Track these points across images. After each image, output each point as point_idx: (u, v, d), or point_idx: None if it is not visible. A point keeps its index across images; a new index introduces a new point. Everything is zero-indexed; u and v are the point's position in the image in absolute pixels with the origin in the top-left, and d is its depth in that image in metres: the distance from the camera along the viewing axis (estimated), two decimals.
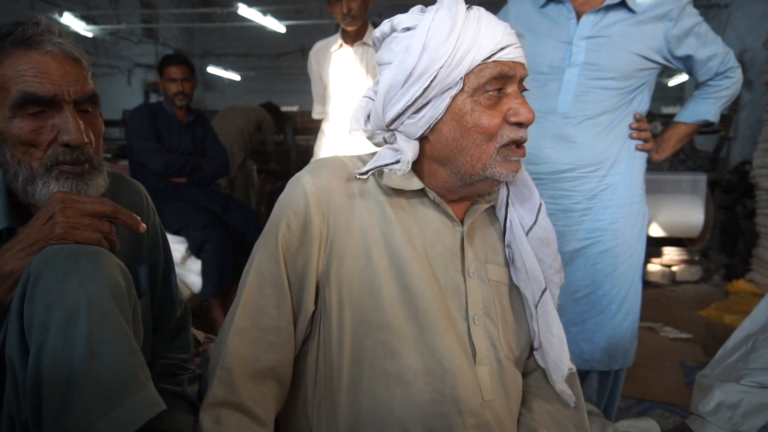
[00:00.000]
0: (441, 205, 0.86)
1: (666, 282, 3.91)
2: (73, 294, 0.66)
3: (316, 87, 2.51)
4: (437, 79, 0.77)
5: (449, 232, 0.87)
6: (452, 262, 0.86)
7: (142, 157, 2.61)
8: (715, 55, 1.51)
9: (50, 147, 0.81)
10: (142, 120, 2.64)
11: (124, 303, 0.71)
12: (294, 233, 0.83)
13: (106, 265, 0.70)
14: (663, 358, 2.60)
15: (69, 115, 0.81)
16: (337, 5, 2.22)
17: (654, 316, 3.15)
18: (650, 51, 1.49)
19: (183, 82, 2.66)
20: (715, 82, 1.55)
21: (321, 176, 0.85)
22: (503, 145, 0.80)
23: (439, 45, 0.77)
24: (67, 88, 0.81)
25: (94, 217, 0.77)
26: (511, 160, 0.81)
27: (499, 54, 0.78)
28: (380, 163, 0.85)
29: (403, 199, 0.86)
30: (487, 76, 0.78)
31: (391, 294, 0.81)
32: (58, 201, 0.75)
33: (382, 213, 0.84)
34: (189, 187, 2.72)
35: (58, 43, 0.81)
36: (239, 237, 2.67)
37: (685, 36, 1.48)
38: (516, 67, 0.79)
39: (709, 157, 4.17)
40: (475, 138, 0.79)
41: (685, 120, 1.62)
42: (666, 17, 1.47)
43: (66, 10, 6.60)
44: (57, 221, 0.74)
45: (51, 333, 0.65)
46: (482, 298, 0.87)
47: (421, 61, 0.77)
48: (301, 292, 0.85)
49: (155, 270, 1.04)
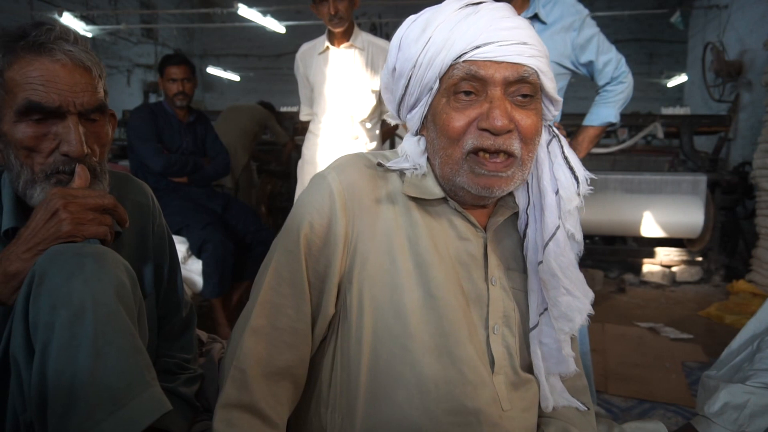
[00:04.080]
0: (463, 213, 0.85)
1: (666, 282, 3.90)
2: (78, 293, 0.66)
3: (303, 89, 2.52)
4: (413, 79, 0.78)
5: (473, 238, 0.85)
6: (476, 270, 0.85)
7: (143, 157, 2.61)
8: (610, 60, 1.76)
9: (52, 154, 0.81)
10: (143, 120, 2.63)
11: (130, 302, 0.71)
12: (317, 233, 0.81)
13: (111, 264, 0.70)
14: (664, 358, 2.59)
15: (71, 126, 0.81)
16: (324, 6, 2.23)
17: (654, 317, 3.16)
18: (562, 58, 1.72)
19: (183, 82, 2.65)
20: (611, 87, 1.81)
21: (348, 174, 0.83)
22: (470, 151, 0.76)
23: (410, 45, 0.77)
24: (72, 99, 0.80)
25: (97, 211, 0.76)
26: (478, 173, 0.76)
27: (472, 53, 0.73)
28: (403, 165, 0.83)
29: (428, 203, 0.84)
30: (456, 77, 0.75)
31: (414, 300, 0.79)
32: (59, 197, 0.75)
33: (408, 216, 0.82)
34: (190, 186, 2.71)
35: (69, 51, 0.81)
36: (240, 237, 2.67)
37: (587, 44, 1.74)
38: (495, 68, 0.73)
39: (709, 158, 4.17)
40: (443, 140, 0.78)
41: (593, 123, 1.86)
42: (571, 28, 1.71)
43: (66, 11, 6.59)
44: (62, 218, 0.73)
45: (56, 332, 0.64)
46: (503, 307, 0.85)
47: (398, 59, 0.79)
48: (321, 293, 0.83)
49: (161, 270, 1.04)
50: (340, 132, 2.36)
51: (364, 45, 2.38)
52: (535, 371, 0.87)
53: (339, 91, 2.36)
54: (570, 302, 0.82)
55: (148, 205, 1.02)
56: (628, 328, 2.98)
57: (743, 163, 4.46)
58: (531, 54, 0.74)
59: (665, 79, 8.75)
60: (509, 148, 0.75)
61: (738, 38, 5.45)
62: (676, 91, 8.79)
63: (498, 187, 0.77)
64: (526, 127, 0.75)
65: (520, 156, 0.77)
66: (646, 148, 4.60)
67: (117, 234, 0.95)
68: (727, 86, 5.41)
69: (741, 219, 4.27)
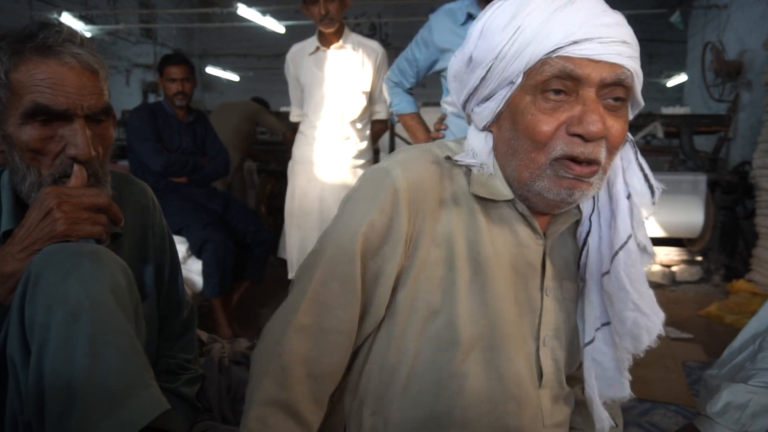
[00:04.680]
0: (528, 219, 0.79)
1: (666, 282, 3.90)
2: (74, 293, 0.65)
3: (293, 90, 2.52)
4: (493, 71, 0.70)
5: (533, 246, 0.80)
6: (533, 279, 0.80)
7: (143, 157, 2.60)
8: None
9: (58, 157, 0.81)
10: (143, 120, 2.63)
11: (127, 302, 0.70)
12: (377, 232, 0.75)
13: (107, 264, 0.70)
14: (664, 358, 2.59)
15: (79, 129, 0.80)
16: (314, 7, 2.24)
17: None
18: None
19: (183, 82, 2.65)
20: None
21: (414, 172, 0.76)
22: (556, 158, 0.69)
23: (495, 33, 0.69)
24: (80, 102, 0.80)
25: (92, 210, 0.76)
26: (562, 176, 0.70)
27: (568, 48, 0.65)
28: (471, 161, 0.77)
29: (493, 206, 0.79)
30: (547, 74, 0.67)
31: (468, 310, 0.76)
32: (53, 196, 0.74)
33: (471, 218, 0.77)
34: (190, 186, 2.71)
35: (77, 53, 0.80)
36: (240, 237, 2.66)
37: None
38: (592, 67, 0.66)
39: (709, 158, 4.17)
40: (525, 143, 0.70)
41: None
42: None
43: (65, 10, 6.59)
44: (57, 218, 0.73)
45: (52, 332, 0.64)
46: (555, 318, 0.82)
47: (478, 48, 0.71)
48: (373, 294, 0.78)
49: (161, 270, 1.03)
50: (331, 132, 2.37)
51: (354, 46, 2.39)
52: (587, 390, 0.83)
53: (329, 92, 2.37)
54: (638, 319, 0.76)
55: (149, 206, 1.02)
56: None
57: (743, 163, 4.46)
58: (630, 54, 0.67)
59: (665, 78, 8.75)
60: (598, 157, 0.69)
61: (737, 38, 5.45)
62: (675, 91, 8.79)
63: (580, 191, 0.71)
64: (616, 134, 0.69)
65: (602, 164, 0.71)
66: (646, 147, 4.60)
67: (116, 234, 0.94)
68: (726, 86, 5.41)
69: (741, 218, 4.27)
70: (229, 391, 1.05)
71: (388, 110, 2.44)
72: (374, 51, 2.40)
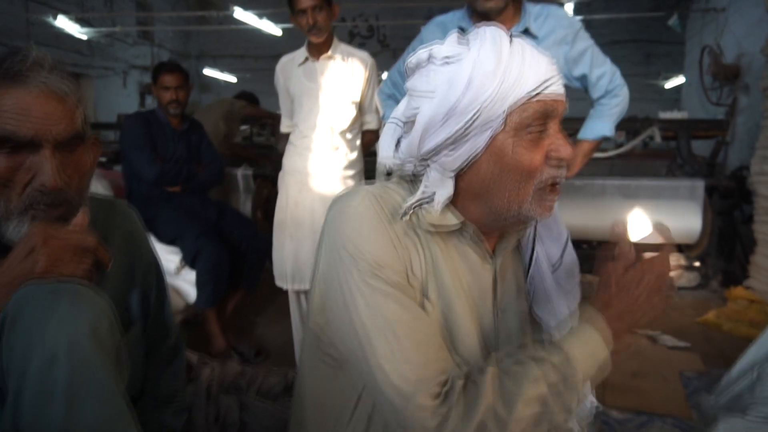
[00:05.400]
0: (478, 242, 0.83)
1: None
2: (51, 337, 0.63)
3: (283, 101, 2.51)
4: (480, 116, 0.74)
5: (483, 268, 0.85)
6: (487, 301, 0.84)
7: (137, 166, 2.58)
8: (604, 73, 1.73)
9: (27, 188, 0.78)
10: (136, 128, 2.61)
11: (107, 343, 0.68)
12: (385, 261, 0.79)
13: (87, 303, 0.68)
14: (661, 368, 2.58)
15: (46, 158, 0.77)
16: (302, 18, 2.24)
17: (651, 324, 3.13)
18: None
19: (177, 90, 2.63)
20: (606, 100, 1.78)
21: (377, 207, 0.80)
22: (543, 184, 0.78)
23: (485, 81, 0.73)
24: (48, 130, 0.77)
25: (77, 250, 0.74)
26: (546, 200, 0.78)
27: (543, 90, 0.74)
28: (418, 198, 0.80)
29: (446, 234, 0.83)
30: (531, 113, 0.74)
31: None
32: (38, 234, 0.72)
33: (430, 249, 0.81)
34: (184, 195, 2.69)
35: (44, 81, 0.77)
36: (235, 245, 2.64)
37: (580, 57, 1.69)
38: (558, 104, 0.77)
39: (707, 162, 4.15)
40: (514, 177, 0.76)
41: (587, 137, 1.83)
42: (563, 41, 1.67)
43: (61, 13, 6.55)
44: (38, 256, 0.71)
45: (28, 380, 0.62)
46: (509, 337, 0.85)
47: (465, 97, 0.73)
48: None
49: (147, 296, 1.01)
50: (320, 143, 2.36)
51: (343, 56, 2.37)
52: None
53: (318, 103, 2.36)
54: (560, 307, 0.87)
55: (134, 231, 1.00)
56: None
57: (741, 168, 4.44)
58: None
59: (663, 80, 8.74)
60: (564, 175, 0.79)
61: (735, 41, 5.44)
62: (673, 93, 8.78)
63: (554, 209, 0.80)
64: (571, 155, 0.78)
65: None
66: (644, 152, 4.59)
67: None
68: (724, 90, 5.40)
69: (739, 224, 4.26)
70: (217, 420, 1.03)
71: (379, 120, 2.42)
72: (364, 61, 2.39)
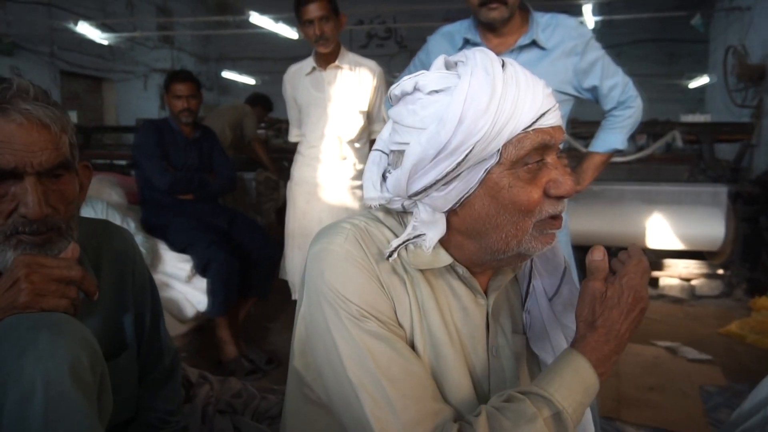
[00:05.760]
0: (469, 281, 0.79)
1: (685, 296, 3.79)
2: (29, 372, 0.62)
3: (291, 110, 2.51)
4: (473, 153, 0.68)
5: (475, 306, 0.80)
6: (479, 342, 0.80)
7: (149, 175, 2.61)
8: (616, 84, 1.66)
9: (11, 216, 0.78)
10: (149, 137, 2.63)
11: (87, 378, 0.67)
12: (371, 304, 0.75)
13: (67, 337, 0.67)
14: (680, 381, 2.50)
15: (29, 188, 0.77)
16: (309, 28, 2.24)
17: (671, 335, 3.05)
18: (563, 84, 1.62)
19: (189, 99, 2.64)
20: (618, 111, 1.71)
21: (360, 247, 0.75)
22: (542, 220, 0.73)
23: (478, 117, 0.67)
24: (30, 160, 0.77)
25: (62, 282, 0.73)
26: (546, 233, 0.74)
27: (539, 121, 0.69)
28: (404, 238, 0.75)
29: (435, 273, 0.78)
30: (528, 147, 0.69)
31: None
32: (23, 266, 0.72)
33: (418, 289, 0.77)
34: (195, 203, 2.70)
35: (26, 110, 0.77)
36: (245, 253, 2.65)
37: (590, 68, 1.62)
38: (556, 134, 0.71)
39: (731, 167, 4.03)
40: (512, 215, 0.71)
41: (598, 150, 1.76)
42: (573, 52, 1.61)
43: (82, 19, 6.67)
44: (21, 288, 0.70)
45: (5, 415, 0.61)
46: (505, 379, 0.81)
47: (457, 134, 0.67)
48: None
49: (141, 319, 1.01)
50: (328, 153, 2.35)
51: (351, 65, 2.36)
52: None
53: (326, 112, 2.35)
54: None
55: (128, 253, 0.99)
56: (644, 348, 2.88)
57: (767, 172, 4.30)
58: None
59: (686, 80, 8.54)
60: (564, 208, 0.75)
61: (761, 41, 5.27)
62: (697, 93, 8.58)
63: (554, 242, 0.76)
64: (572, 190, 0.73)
65: None
66: (665, 156, 4.48)
67: None
68: (749, 91, 5.24)
69: (764, 230, 4.12)
70: None
71: None
72: (372, 70, 2.37)
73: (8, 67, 6.57)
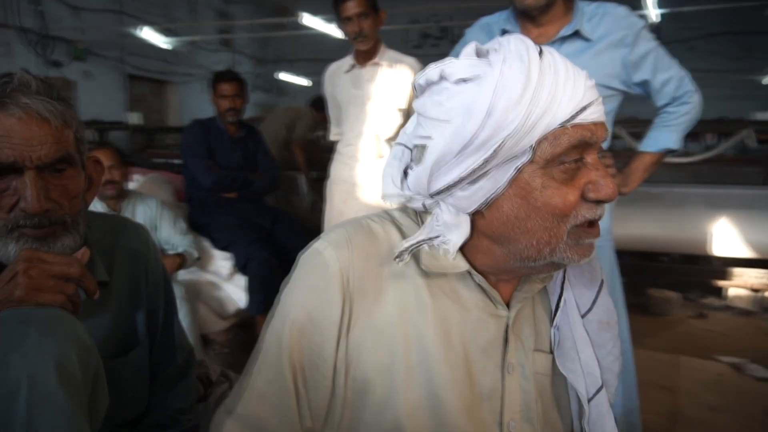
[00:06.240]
0: (487, 290, 0.72)
1: (755, 309, 3.49)
2: (14, 370, 0.62)
3: (331, 108, 2.49)
4: (503, 149, 0.61)
5: (492, 318, 0.73)
6: (492, 357, 0.72)
7: (194, 173, 2.67)
8: (670, 78, 1.51)
9: (13, 210, 0.78)
10: (195, 136, 2.69)
11: (75, 377, 0.66)
12: (313, 321, 0.70)
13: (57, 334, 0.66)
14: (746, 403, 2.30)
15: (28, 182, 0.77)
16: (348, 25, 2.22)
17: (738, 350, 2.81)
18: (610, 78, 1.49)
19: (234, 98, 2.68)
20: (672, 108, 1.56)
21: (347, 251, 0.70)
22: (577, 225, 0.65)
23: (509, 109, 0.60)
24: (29, 154, 0.77)
25: (60, 279, 0.73)
26: (583, 243, 0.66)
27: (579, 116, 0.62)
28: (420, 239, 0.69)
29: (443, 280, 0.72)
30: (565, 145, 0.62)
31: (413, 401, 0.68)
32: (23, 260, 0.72)
33: (417, 299, 0.70)
34: (239, 202, 2.74)
35: (25, 104, 0.77)
36: (287, 253, 2.66)
37: (641, 61, 1.49)
38: (597, 131, 0.63)
39: None
40: (545, 219, 0.64)
41: (649, 149, 1.62)
42: (621, 43, 1.48)
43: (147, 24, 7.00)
44: (19, 282, 0.70)
45: None
46: (521, 399, 0.73)
47: (485, 128, 0.61)
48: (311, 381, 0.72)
49: (155, 316, 1.00)
50: (366, 151, 2.31)
51: (389, 62, 2.32)
52: None
53: (365, 110, 2.32)
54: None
55: (141, 250, 0.99)
56: (705, 363, 2.67)
57: None
58: None
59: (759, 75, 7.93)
60: (603, 214, 0.67)
61: None
62: None
63: (593, 251, 0.68)
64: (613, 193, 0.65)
65: None
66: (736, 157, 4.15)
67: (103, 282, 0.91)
68: None
69: None
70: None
71: None
72: (411, 67, 2.32)
73: (81, 72, 7.00)
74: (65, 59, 6.69)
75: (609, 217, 1.59)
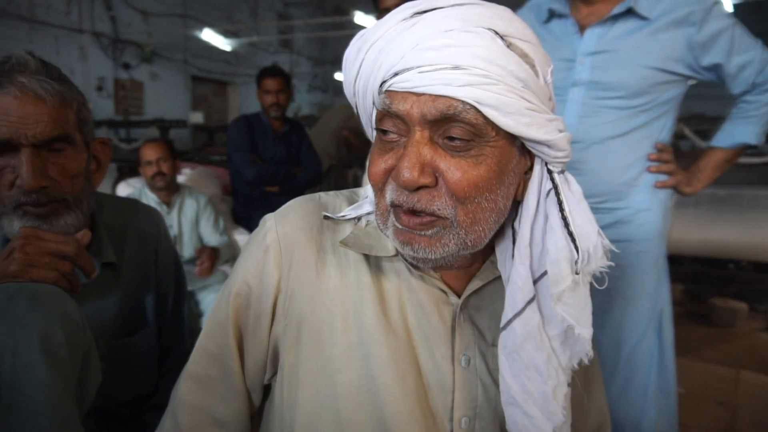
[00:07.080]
0: (423, 276, 0.67)
1: None
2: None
3: None
4: (360, 109, 0.64)
5: (441, 307, 0.67)
6: (439, 347, 0.67)
7: (238, 167, 2.73)
8: (749, 62, 1.29)
9: (13, 187, 0.81)
10: (239, 131, 2.75)
11: (60, 352, 0.67)
12: (251, 289, 0.70)
13: (44, 308, 0.67)
14: None
15: (24, 159, 0.79)
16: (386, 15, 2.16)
17: None
18: (670, 62, 1.30)
19: (278, 93, 2.72)
20: (753, 96, 1.33)
21: (287, 221, 0.69)
22: (391, 205, 0.60)
23: (348, 68, 0.62)
24: (24, 132, 0.79)
25: (55, 256, 0.74)
26: (398, 227, 0.60)
27: (391, 81, 0.56)
28: (360, 211, 0.68)
29: (387, 261, 0.68)
30: (376, 112, 0.61)
31: (351, 381, 0.64)
32: (20, 237, 0.74)
33: (357, 275, 0.67)
34: (281, 196, 2.77)
35: (21, 83, 0.79)
36: None
37: (712, 42, 1.29)
38: (413, 102, 0.55)
39: None
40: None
41: (721, 144, 1.41)
42: (686, 21, 1.29)
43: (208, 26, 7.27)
44: (14, 258, 0.72)
45: None
46: (474, 395, 0.67)
47: (345, 85, 0.65)
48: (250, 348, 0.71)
49: (164, 300, 1.02)
50: None
51: None
52: None
53: None
54: (515, 417, 0.61)
55: (152, 234, 1.00)
56: None
57: None
58: (467, 82, 0.53)
59: None
60: (429, 209, 0.57)
61: None
62: None
63: (420, 247, 0.59)
64: (454, 182, 0.56)
65: (453, 218, 0.58)
66: None
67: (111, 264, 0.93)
68: None
69: None
70: None
71: None
72: None
73: (149, 73, 7.38)
74: (134, 61, 7.07)
75: (660, 222, 1.42)
